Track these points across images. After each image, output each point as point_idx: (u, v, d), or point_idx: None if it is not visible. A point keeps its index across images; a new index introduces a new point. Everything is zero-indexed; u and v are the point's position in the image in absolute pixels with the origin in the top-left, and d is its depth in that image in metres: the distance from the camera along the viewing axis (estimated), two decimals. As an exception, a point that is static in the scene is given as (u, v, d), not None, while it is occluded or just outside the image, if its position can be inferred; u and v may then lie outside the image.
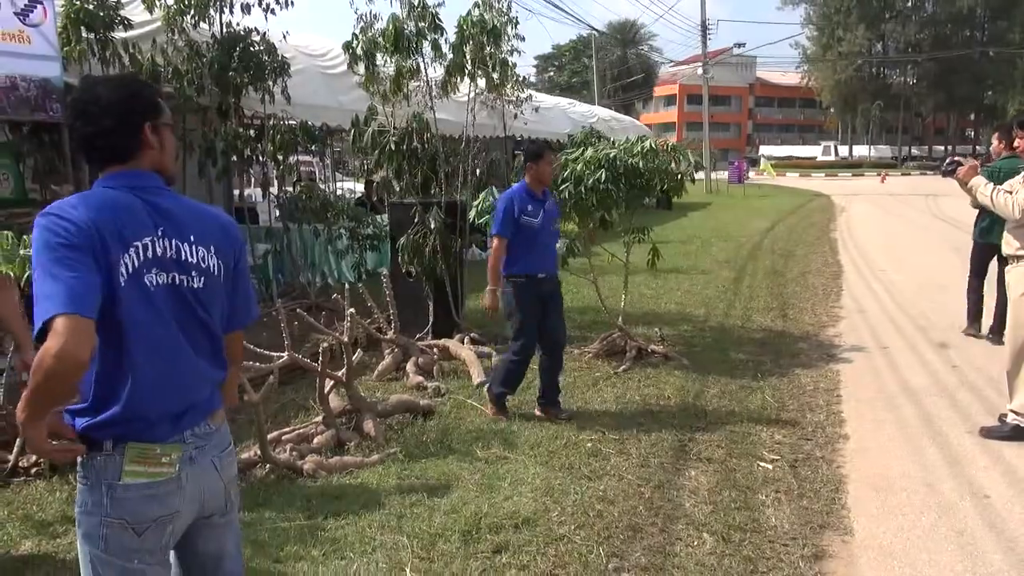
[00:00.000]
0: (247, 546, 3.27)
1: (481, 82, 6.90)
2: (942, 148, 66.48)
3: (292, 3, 8.07)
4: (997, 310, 6.47)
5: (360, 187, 14.07)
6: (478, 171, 7.13)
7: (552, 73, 68.06)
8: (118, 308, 1.70)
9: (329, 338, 5.07)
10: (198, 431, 1.85)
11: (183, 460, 1.81)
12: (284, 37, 8.24)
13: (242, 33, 7.75)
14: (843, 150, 66.94)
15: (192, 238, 1.86)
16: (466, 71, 6.59)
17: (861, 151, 66.09)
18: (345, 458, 4.30)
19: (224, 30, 7.71)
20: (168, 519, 1.79)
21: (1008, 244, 4.59)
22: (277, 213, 8.67)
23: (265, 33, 7.85)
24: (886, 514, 3.64)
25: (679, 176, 6.31)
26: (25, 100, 6.20)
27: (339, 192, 13.00)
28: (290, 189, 9.02)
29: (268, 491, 3.90)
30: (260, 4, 7.76)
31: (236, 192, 10.18)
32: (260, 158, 8.60)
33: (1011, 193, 4.49)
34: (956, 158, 5.20)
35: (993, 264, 6.60)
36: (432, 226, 6.54)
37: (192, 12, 7.41)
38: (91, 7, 6.69)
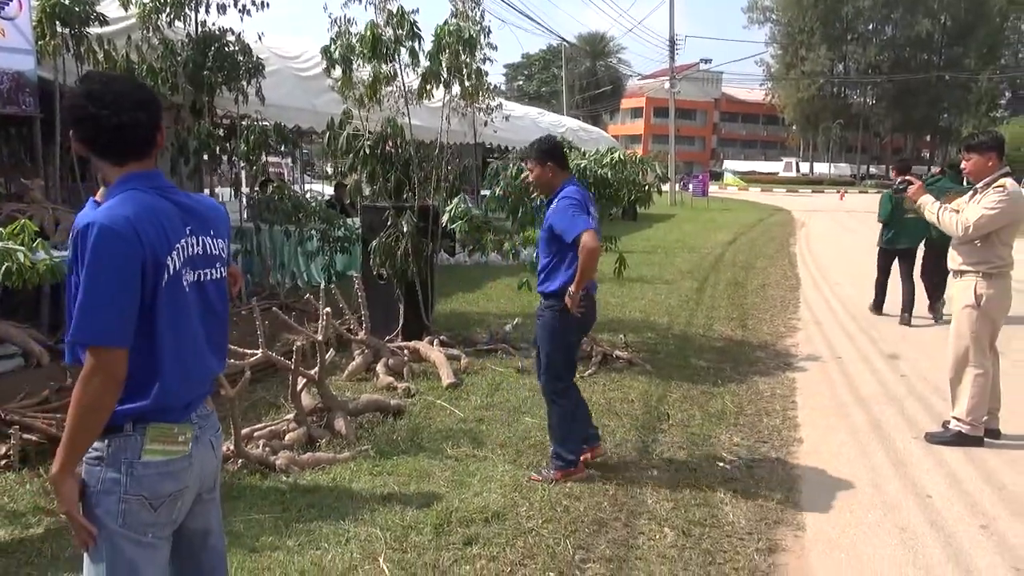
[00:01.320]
0: (223, 536, 3.35)
1: (455, 89, 7.04)
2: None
3: (267, 4, 8.14)
4: (904, 298, 8.59)
5: (328, 190, 14.10)
6: (451, 177, 7.25)
7: (521, 82, 68.45)
8: (157, 309, 1.82)
9: (302, 337, 5.15)
10: (200, 412, 1.99)
11: (193, 439, 1.94)
12: (259, 38, 8.29)
13: (217, 33, 7.80)
14: (804, 167, 68.52)
15: (212, 232, 1.98)
16: (442, 78, 6.71)
17: (821, 168, 67.70)
18: (317, 454, 4.38)
19: (199, 29, 7.74)
20: (180, 494, 1.91)
21: (953, 259, 4.86)
22: (247, 213, 8.69)
23: (240, 34, 7.90)
24: (835, 512, 3.85)
25: (646, 187, 6.52)
26: (12, 98, 6.18)
27: (307, 194, 13.02)
28: (259, 189, 9.06)
29: (242, 485, 3.96)
30: (236, 5, 7.81)
31: (206, 191, 10.16)
32: (232, 158, 8.64)
33: (957, 212, 4.76)
34: (907, 178, 5.49)
35: (895, 265, 8.84)
36: (404, 229, 6.64)
37: (168, 10, 7.44)
38: (67, 2, 6.69)
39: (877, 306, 9.10)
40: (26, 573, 3.05)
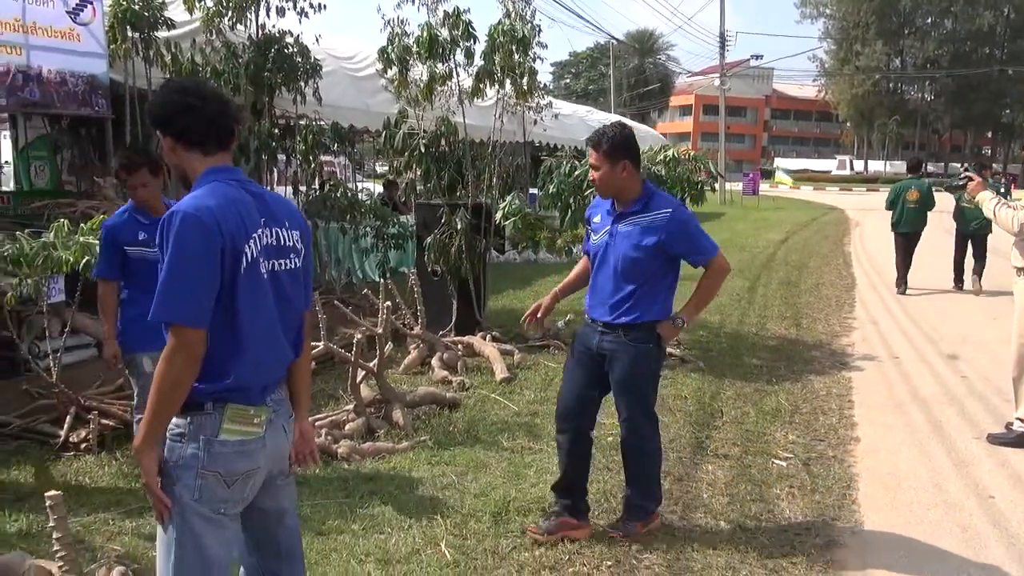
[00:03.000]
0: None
1: (508, 88, 7.12)
2: (958, 165, 66.29)
3: (324, 7, 8.33)
4: (905, 271, 10.48)
5: (379, 188, 14.33)
6: (505, 175, 7.34)
7: (568, 80, 68.39)
8: (236, 296, 1.93)
9: (361, 330, 5.29)
10: (275, 397, 2.08)
11: (267, 421, 2.03)
12: (317, 40, 8.49)
13: (277, 35, 8.02)
14: (858, 164, 66.92)
15: (286, 223, 2.08)
16: (495, 77, 6.81)
17: (877, 166, 66.07)
18: (378, 444, 4.51)
19: (259, 32, 7.97)
20: (252, 473, 2.01)
21: (1015, 258, 4.76)
22: (303, 211, 8.91)
23: (299, 36, 8.11)
24: (895, 510, 3.82)
25: (699, 185, 6.51)
26: (73, 95, 6.47)
27: (361, 193, 13.26)
28: (316, 188, 9.28)
29: (306, 472, 4.10)
30: (294, 7, 8.02)
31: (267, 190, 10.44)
32: (290, 157, 8.87)
33: (1013, 208, 4.66)
34: (967, 173, 5.40)
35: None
36: (458, 227, 6.75)
37: (230, 14, 7.68)
38: (137, 7, 6.96)
39: (901, 282, 10.52)
40: (111, 548, 3.22)
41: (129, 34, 7.00)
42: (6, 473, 4.06)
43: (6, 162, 11.36)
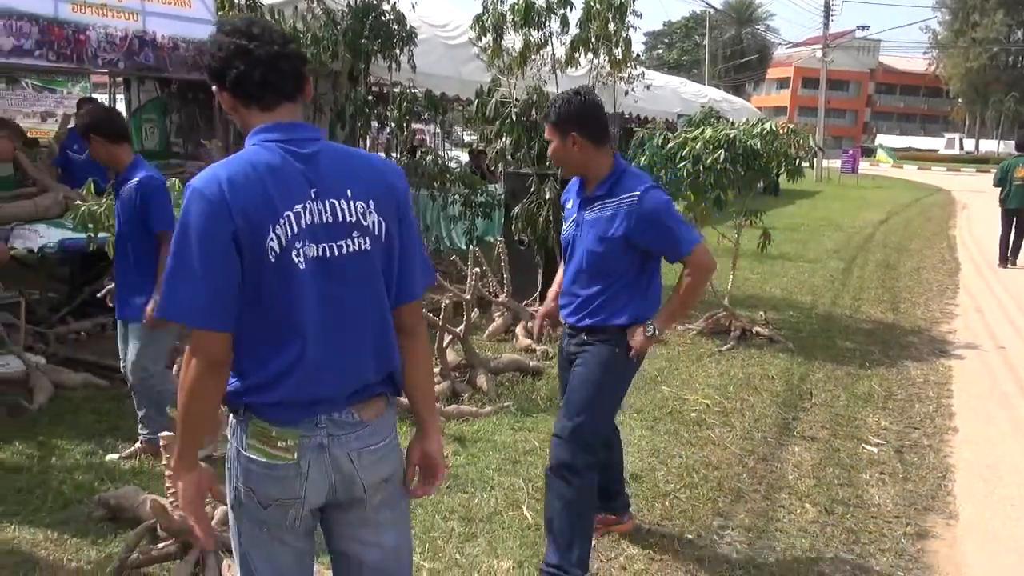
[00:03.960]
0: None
1: (602, 57, 7.03)
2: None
3: (421, -25, 8.38)
4: (1006, 248, 10.88)
5: (465, 156, 14.43)
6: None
7: (661, 50, 66.74)
8: (263, 292, 1.57)
9: (449, 295, 5.38)
10: (337, 418, 1.65)
11: (310, 447, 1.63)
12: (413, 7, 8.57)
13: (374, 2, 8.13)
14: (969, 144, 63.08)
15: (348, 192, 1.63)
16: (590, 46, 6.73)
17: (989, 146, 62.06)
18: (462, 407, 4.61)
19: (358, -1, 8.10)
20: (290, 503, 1.65)
21: None
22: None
23: (395, 3, 8.21)
24: (993, 503, 3.67)
25: (797, 160, 6.30)
26: (183, 60, 6.74)
27: (451, 161, 13.41)
28: (406, 154, 9.42)
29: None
30: (392, -25, 8.10)
31: (359, 155, 10.69)
32: (383, 123, 9.03)
33: None
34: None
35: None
36: (547, 196, 6.75)
37: (331, -20, 7.83)
38: (243, -26, 7.18)
39: (1002, 259, 10.89)
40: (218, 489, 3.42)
41: (236, 1, 7.23)
42: (121, 417, 4.34)
43: (120, 124, 12.00)
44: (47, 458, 3.78)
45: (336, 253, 1.61)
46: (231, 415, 1.67)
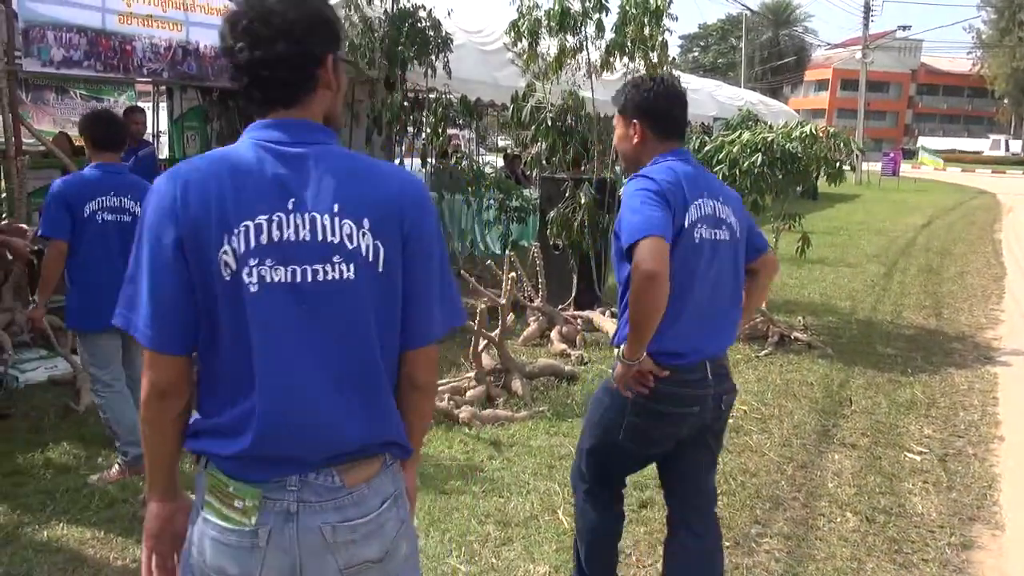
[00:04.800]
0: (416, 478, 3.65)
1: (638, 62, 7.01)
2: None
3: (457, -19, 8.45)
4: None
5: (500, 161, 14.49)
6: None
7: (697, 53, 66.27)
8: (217, 314, 1.30)
9: (484, 300, 5.41)
10: (312, 481, 1.32)
11: (273, 512, 1.31)
12: (448, 14, 8.65)
13: (411, 9, 8.22)
14: (1015, 145, 61.49)
15: (336, 205, 1.31)
16: (626, 51, 6.72)
17: (1036, 147, 60.51)
18: (497, 411, 4.63)
19: (395, 6, 8.19)
20: None
21: None
22: (431, 183, 9.15)
23: (431, 10, 8.29)
24: (1042, 515, 3.58)
25: (837, 164, 6.22)
26: (225, 69, 6.90)
27: (485, 166, 13.48)
28: (442, 160, 9.50)
29: (429, 434, 4.27)
30: (428, -18, 8.19)
31: (396, 161, 10.80)
32: (419, 129, 9.12)
33: None
34: None
35: None
36: (582, 201, 6.75)
37: (368, -11, 7.94)
38: (282, -16, 7.30)
39: None
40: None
41: (276, 10, 7.37)
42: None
43: (163, 132, 12.28)
44: (93, 458, 3.88)
45: (308, 280, 1.29)
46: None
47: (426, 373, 1.46)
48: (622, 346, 2.20)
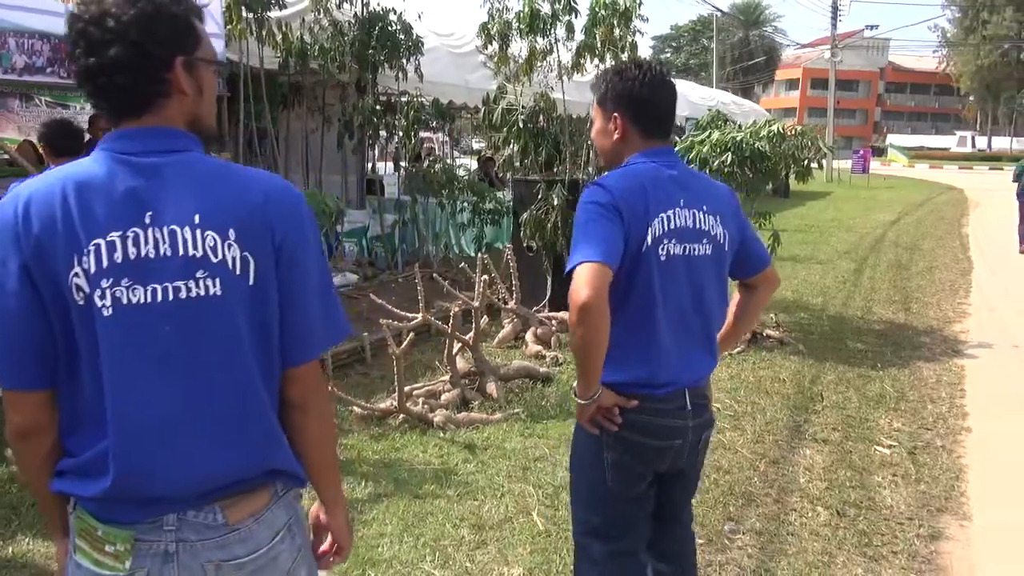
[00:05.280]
0: (390, 483, 3.64)
1: (607, 63, 7.05)
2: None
3: (428, -16, 8.44)
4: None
5: (474, 164, 14.50)
6: (602, 151, 7.29)
7: (669, 54, 66.72)
8: (77, 342, 1.21)
9: (458, 303, 5.40)
10: (191, 519, 1.25)
11: (150, 555, 1.24)
12: (419, 17, 8.64)
13: (381, 13, 8.20)
14: (981, 141, 62.66)
15: (197, 218, 1.21)
16: (596, 52, 6.75)
17: (1001, 143, 61.63)
18: (472, 414, 4.62)
19: (364, 10, 8.17)
20: None
21: None
22: (403, 186, 9.13)
23: (401, 13, 8.27)
24: (1008, 504, 3.64)
25: (805, 162, 6.29)
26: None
27: (459, 169, 13.47)
28: (414, 164, 9.48)
29: (404, 439, 4.26)
30: (398, -14, 8.18)
31: (369, 166, 10.76)
32: (391, 132, 9.09)
33: None
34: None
35: None
36: (555, 203, 6.77)
37: (338, -8, 7.90)
38: (251, -12, 7.24)
39: (1022, 242, 11.95)
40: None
41: (244, 14, 7.30)
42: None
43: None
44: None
45: (170, 298, 1.19)
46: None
47: (310, 392, 1.34)
48: (573, 383, 2.06)
